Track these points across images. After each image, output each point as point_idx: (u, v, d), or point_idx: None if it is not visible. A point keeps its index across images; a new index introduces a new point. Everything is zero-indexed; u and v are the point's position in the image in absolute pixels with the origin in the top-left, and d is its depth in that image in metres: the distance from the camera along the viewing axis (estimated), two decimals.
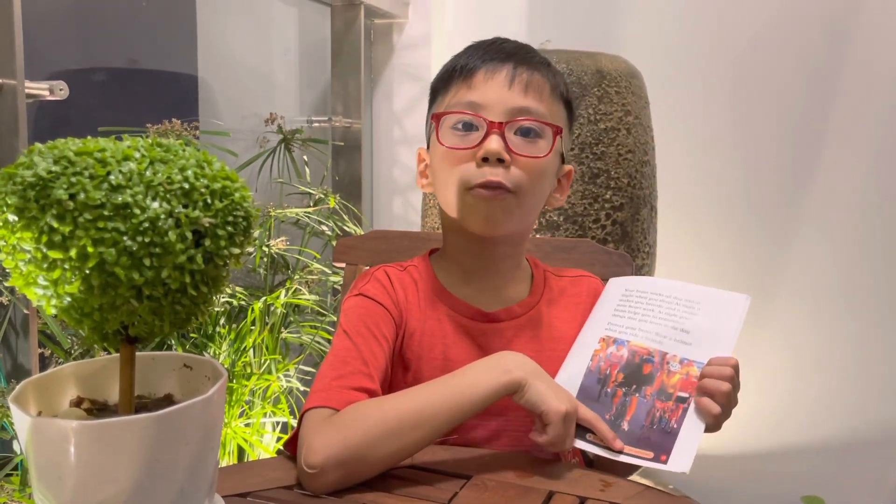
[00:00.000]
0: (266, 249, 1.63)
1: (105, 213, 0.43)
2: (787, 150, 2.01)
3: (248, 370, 1.55)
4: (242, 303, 1.58)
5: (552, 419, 0.72)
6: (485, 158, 0.82)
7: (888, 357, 1.97)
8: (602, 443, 0.77)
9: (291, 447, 0.76)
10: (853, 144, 1.96)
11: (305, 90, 2.11)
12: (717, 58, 2.04)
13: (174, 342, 1.45)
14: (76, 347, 1.29)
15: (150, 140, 0.48)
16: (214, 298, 0.49)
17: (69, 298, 0.45)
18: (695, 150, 2.06)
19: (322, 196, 1.83)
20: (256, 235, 1.60)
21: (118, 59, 1.51)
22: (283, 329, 1.62)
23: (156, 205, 0.44)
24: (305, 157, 1.89)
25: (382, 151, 2.32)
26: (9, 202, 0.43)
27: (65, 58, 1.40)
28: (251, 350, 1.55)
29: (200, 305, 0.48)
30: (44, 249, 0.43)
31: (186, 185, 0.45)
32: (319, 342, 1.66)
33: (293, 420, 1.57)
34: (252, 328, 1.53)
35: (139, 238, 0.43)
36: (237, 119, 1.81)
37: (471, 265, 0.90)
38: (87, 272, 0.44)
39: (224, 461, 1.47)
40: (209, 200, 0.46)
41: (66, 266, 0.44)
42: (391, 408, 0.72)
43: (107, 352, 0.98)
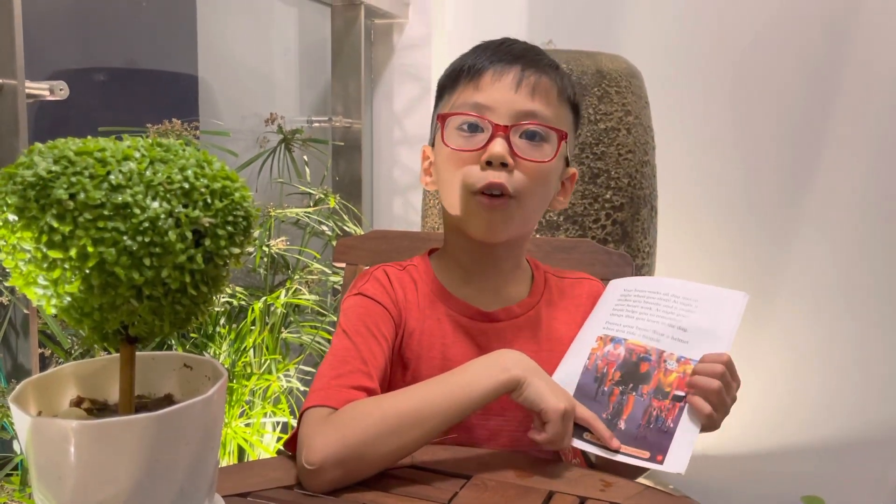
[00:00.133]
0: (266, 249, 1.63)
1: (105, 213, 0.43)
2: (787, 150, 2.01)
3: (249, 370, 1.55)
4: (242, 303, 1.58)
5: (551, 417, 0.72)
6: (489, 161, 0.82)
7: (888, 357, 1.97)
8: (599, 442, 0.76)
9: (291, 446, 0.76)
10: (853, 144, 1.96)
11: (305, 90, 2.11)
12: (717, 58, 2.04)
13: (174, 342, 1.45)
14: (76, 347, 1.29)
15: (150, 140, 0.48)
16: (214, 298, 0.49)
17: (69, 298, 0.45)
18: (695, 150, 2.06)
19: (322, 196, 1.83)
20: (256, 235, 1.60)
21: (118, 59, 1.51)
22: (284, 329, 1.62)
23: (156, 204, 0.44)
24: (305, 157, 1.89)
25: (382, 151, 2.32)
26: (9, 202, 0.43)
27: (65, 58, 1.40)
28: (251, 350, 1.55)
29: (200, 305, 0.48)
30: (44, 249, 0.43)
31: (186, 185, 0.45)
32: (319, 342, 1.66)
33: (293, 420, 1.57)
34: (252, 328, 1.53)
35: (139, 238, 0.43)
36: (237, 119, 1.81)
37: (471, 265, 0.91)
38: (87, 272, 0.44)
39: (224, 461, 1.47)
40: (209, 200, 0.46)
41: (66, 266, 0.44)
42: (390, 406, 0.72)
43: (107, 352, 0.98)
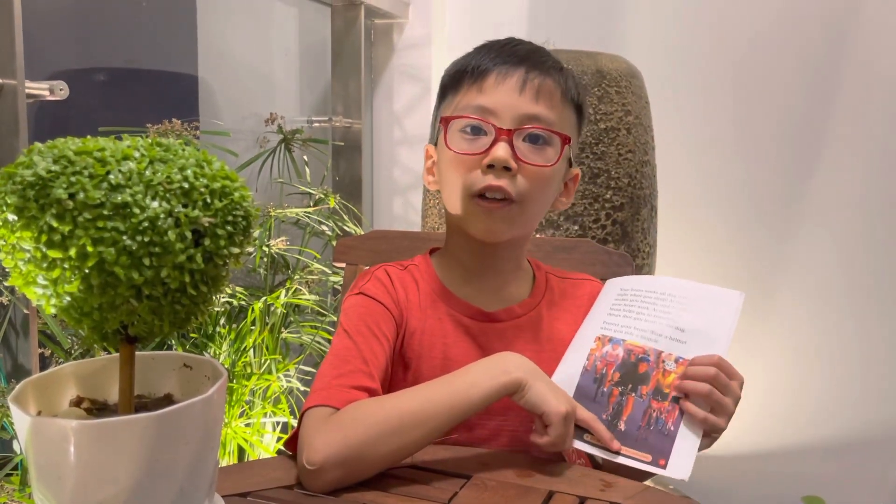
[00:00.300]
0: (266, 249, 1.63)
1: (104, 213, 0.43)
2: (788, 150, 2.01)
3: (249, 370, 1.55)
4: (242, 303, 1.58)
5: (553, 420, 0.72)
6: (491, 165, 0.82)
7: (889, 357, 1.97)
8: (599, 443, 0.76)
9: (292, 446, 0.76)
10: (853, 144, 1.96)
11: (306, 90, 2.11)
12: (717, 58, 2.04)
13: (174, 342, 1.45)
14: (76, 347, 1.29)
15: (150, 140, 0.48)
16: (214, 298, 0.49)
17: (69, 298, 0.45)
18: (695, 150, 2.06)
19: (322, 196, 1.83)
20: (256, 235, 1.60)
21: (118, 59, 1.51)
22: (284, 329, 1.62)
23: (155, 204, 0.44)
24: (305, 157, 1.89)
25: (382, 152, 2.32)
26: (8, 202, 0.43)
27: (65, 58, 1.40)
28: (251, 350, 1.55)
29: (200, 305, 0.48)
30: (43, 249, 0.43)
31: (186, 185, 0.45)
32: (319, 342, 1.66)
33: (293, 420, 1.57)
34: (252, 328, 1.53)
35: (139, 237, 0.43)
36: (237, 119, 1.81)
37: (472, 265, 0.91)
38: (87, 271, 0.44)
39: (224, 461, 1.47)
40: (209, 200, 0.46)
41: (66, 265, 0.44)
42: (392, 407, 0.72)
43: (107, 351, 0.98)
